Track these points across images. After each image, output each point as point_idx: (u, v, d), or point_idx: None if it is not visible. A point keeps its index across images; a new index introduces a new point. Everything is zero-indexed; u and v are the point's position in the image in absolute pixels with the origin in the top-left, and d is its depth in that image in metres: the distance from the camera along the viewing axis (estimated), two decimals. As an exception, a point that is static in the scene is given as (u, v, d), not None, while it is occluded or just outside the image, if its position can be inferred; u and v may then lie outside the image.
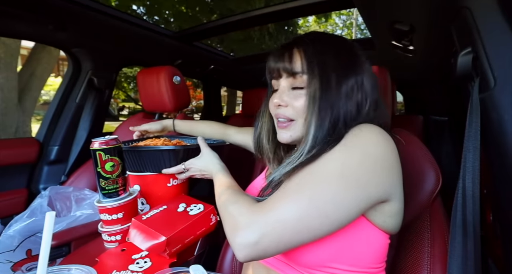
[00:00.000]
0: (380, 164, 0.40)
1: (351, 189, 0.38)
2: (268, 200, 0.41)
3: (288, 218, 0.37)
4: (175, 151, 0.67)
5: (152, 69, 1.20)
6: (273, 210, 0.38)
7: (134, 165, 0.71)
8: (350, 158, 0.39)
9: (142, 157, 0.69)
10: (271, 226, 0.37)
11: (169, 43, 1.44)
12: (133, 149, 0.69)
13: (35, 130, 2.06)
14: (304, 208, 0.37)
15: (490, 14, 0.43)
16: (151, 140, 0.80)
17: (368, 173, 0.39)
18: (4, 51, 2.44)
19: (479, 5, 0.45)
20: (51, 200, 1.05)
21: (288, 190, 0.40)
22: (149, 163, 0.69)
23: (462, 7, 0.47)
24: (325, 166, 0.40)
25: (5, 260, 0.80)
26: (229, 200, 0.46)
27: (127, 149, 0.69)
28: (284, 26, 5.79)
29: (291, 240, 0.37)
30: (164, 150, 0.67)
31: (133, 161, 0.71)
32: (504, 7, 0.42)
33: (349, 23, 13.48)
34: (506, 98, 0.40)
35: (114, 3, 3.60)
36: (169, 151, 0.67)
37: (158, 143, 0.76)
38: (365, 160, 0.39)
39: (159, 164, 0.69)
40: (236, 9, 3.93)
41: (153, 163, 0.69)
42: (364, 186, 0.38)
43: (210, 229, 0.63)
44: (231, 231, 0.40)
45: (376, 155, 0.40)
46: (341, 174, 0.38)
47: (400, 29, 0.78)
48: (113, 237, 0.62)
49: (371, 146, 0.40)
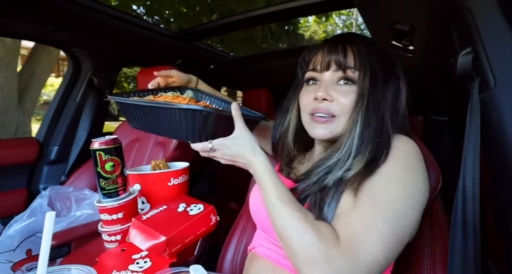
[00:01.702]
0: (425, 179, 0.42)
1: (415, 208, 0.39)
2: (346, 228, 0.37)
3: (378, 257, 0.35)
4: (207, 115, 0.46)
5: (152, 69, 1.20)
6: (360, 249, 0.35)
7: (148, 124, 0.55)
8: (410, 176, 0.41)
9: (159, 116, 0.51)
10: (363, 271, 0.34)
11: (169, 43, 1.44)
12: (151, 104, 0.51)
13: (35, 130, 2.06)
14: (390, 242, 0.36)
15: (490, 14, 0.43)
16: (172, 97, 0.62)
17: (423, 191, 0.41)
18: (4, 51, 2.44)
19: (479, 5, 0.45)
20: (51, 200, 1.05)
21: (366, 215, 0.37)
22: (167, 125, 0.51)
23: (462, 7, 0.47)
24: (393, 184, 0.40)
25: (5, 260, 0.80)
26: (291, 219, 0.39)
27: (145, 104, 0.52)
28: (285, 26, 5.79)
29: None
30: (192, 109, 0.45)
31: (147, 119, 0.54)
32: (504, 7, 0.42)
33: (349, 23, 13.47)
34: (506, 98, 0.40)
35: (114, 3, 3.60)
36: (197, 113, 0.46)
37: (182, 102, 0.55)
38: (421, 177, 0.41)
39: (179, 130, 0.49)
40: (237, 9, 3.93)
41: (171, 126, 0.50)
42: (421, 205, 0.40)
43: (210, 229, 0.63)
44: (302, 262, 0.36)
45: (424, 172, 0.42)
46: (410, 195, 0.39)
47: (400, 29, 0.78)
48: (113, 237, 0.62)
49: (419, 162, 0.42)
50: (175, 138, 0.52)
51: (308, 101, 0.51)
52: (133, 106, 0.55)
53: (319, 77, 0.51)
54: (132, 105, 0.55)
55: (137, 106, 0.54)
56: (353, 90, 0.47)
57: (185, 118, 0.47)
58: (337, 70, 0.49)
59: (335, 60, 0.48)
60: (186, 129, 0.48)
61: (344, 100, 0.47)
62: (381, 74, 0.47)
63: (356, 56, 0.47)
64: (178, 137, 0.51)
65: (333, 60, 0.49)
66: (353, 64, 0.47)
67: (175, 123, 0.49)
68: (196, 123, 0.47)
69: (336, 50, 0.48)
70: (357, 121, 0.45)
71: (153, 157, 1.22)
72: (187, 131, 0.48)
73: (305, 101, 0.52)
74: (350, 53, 0.48)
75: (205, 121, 0.47)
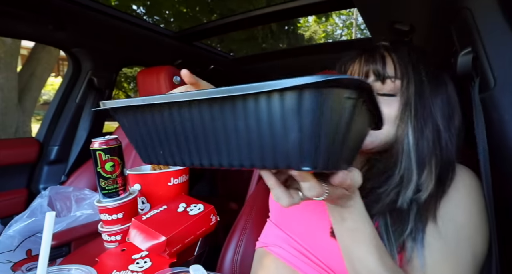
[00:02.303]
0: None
1: (484, 246, 0.40)
2: (432, 261, 0.37)
3: None
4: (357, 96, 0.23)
5: (152, 69, 1.20)
6: None
7: (196, 146, 0.28)
8: (481, 212, 0.40)
9: (226, 122, 0.25)
10: None
11: (169, 43, 1.44)
12: (203, 95, 0.24)
13: (35, 131, 2.06)
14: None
15: (490, 15, 0.43)
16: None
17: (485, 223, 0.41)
18: (4, 51, 2.44)
19: (479, 6, 0.45)
20: (51, 200, 1.05)
21: (451, 251, 0.38)
22: (251, 138, 0.25)
23: (462, 7, 0.47)
24: (471, 218, 0.40)
25: (5, 260, 0.80)
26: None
27: (186, 98, 0.25)
28: (285, 26, 5.79)
29: None
30: (331, 80, 0.20)
31: (191, 136, 0.28)
32: (504, 7, 0.42)
33: (349, 23, 13.47)
34: (506, 98, 0.40)
35: (114, 3, 3.60)
36: (339, 93, 0.22)
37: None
38: (485, 212, 0.41)
39: (280, 145, 0.23)
40: (237, 9, 3.93)
41: (265, 138, 0.24)
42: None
43: (210, 229, 0.63)
44: None
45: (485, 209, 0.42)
46: (482, 233, 0.39)
47: (400, 29, 0.78)
48: (113, 237, 0.62)
49: (482, 197, 0.42)
50: (270, 165, 0.25)
51: None
52: (154, 113, 0.29)
53: None
54: (149, 109, 0.29)
55: (163, 108, 0.28)
56: (396, 100, 0.44)
57: (303, 110, 0.21)
58: (376, 81, 0.45)
59: (374, 69, 0.45)
60: (300, 139, 0.22)
61: (388, 110, 0.44)
62: (427, 81, 0.44)
63: (396, 64, 0.45)
64: (279, 161, 0.24)
65: (371, 70, 0.46)
66: (393, 73, 0.44)
67: (273, 129, 0.23)
68: (332, 119, 0.22)
69: (374, 60, 0.46)
70: (408, 132, 0.42)
71: (153, 157, 1.22)
72: (305, 143, 0.22)
73: None
74: (389, 62, 0.45)
75: (351, 113, 0.23)
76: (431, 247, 0.38)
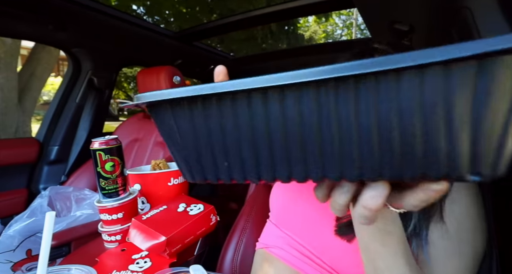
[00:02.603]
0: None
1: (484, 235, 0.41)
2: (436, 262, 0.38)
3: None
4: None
5: (152, 69, 1.20)
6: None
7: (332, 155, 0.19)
8: (478, 212, 0.41)
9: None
10: None
11: (169, 43, 1.44)
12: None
13: (35, 130, 2.06)
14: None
15: (490, 14, 0.43)
16: None
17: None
18: (4, 51, 2.44)
19: (479, 5, 0.45)
20: (51, 200, 1.05)
21: (454, 246, 0.38)
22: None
23: (462, 7, 0.47)
24: (471, 210, 0.40)
25: (5, 260, 0.80)
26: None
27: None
28: (284, 26, 5.79)
29: None
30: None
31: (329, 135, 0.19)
32: (504, 7, 0.42)
33: (349, 23, 13.47)
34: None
35: (114, 3, 3.60)
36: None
37: None
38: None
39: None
40: (237, 9, 3.93)
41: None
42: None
43: (210, 229, 0.63)
44: None
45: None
46: (480, 230, 0.40)
47: (400, 29, 0.78)
48: (113, 237, 0.62)
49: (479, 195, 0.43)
50: (412, 174, 0.18)
51: None
52: (232, 105, 0.20)
53: None
54: (219, 100, 0.21)
55: (253, 97, 0.20)
56: None
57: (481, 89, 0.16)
58: None
59: None
60: (475, 134, 0.16)
61: None
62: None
63: None
64: (432, 169, 0.18)
65: None
66: None
67: (430, 120, 0.17)
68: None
69: None
70: None
71: (153, 157, 1.22)
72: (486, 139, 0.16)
73: None
74: None
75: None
76: (435, 244, 0.39)
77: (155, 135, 1.28)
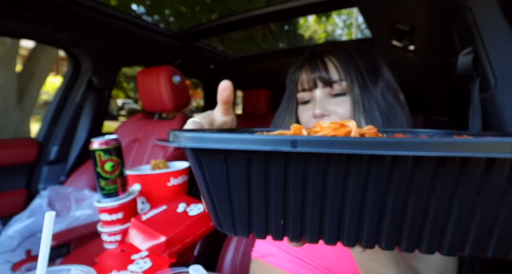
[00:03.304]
0: None
1: None
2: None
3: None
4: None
5: (152, 69, 1.20)
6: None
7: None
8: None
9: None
10: None
11: (169, 43, 1.44)
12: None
13: (34, 131, 2.06)
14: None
15: (491, 14, 0.43)
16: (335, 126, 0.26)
17: None
18: (4, 51, 2.43)
19: (480, 5, 0.45)
20: (51, 200, 1.05)
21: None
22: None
23: (463, 7, 0.47)
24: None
25: (5, 261, 0.80)
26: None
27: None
28: (285, 26, 5.80)
29: None
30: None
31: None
32: (505, 7, 0.42)
33: (349, 23, 13.48)
34: (507, 98, 0.40)
35: (114, 3, 3.60)
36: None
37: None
38: None
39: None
40: (237, 9, 3.93)
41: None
42: None
43: (210, 229, 0.63)
44: None
45: None
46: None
47: (401, 29, 0.78)
48: (113, 237, 0.62)
49: None
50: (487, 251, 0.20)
51: (308, 119, 0.51)
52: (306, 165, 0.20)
53: (311, 96, 0.51)
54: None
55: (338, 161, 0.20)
56: (347, 100, 0.47)
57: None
58: (325, 87, 0.48)
59: (319, 77, 0.48)
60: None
61: (342, 110, 0.47)
62: (368, 76, 0.47)
63: (337, 67, 0.48)
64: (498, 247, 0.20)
65: (317, 78, 0.48)
66: (337, 77, 0.47)
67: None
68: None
69: (317, 68, 0.48)
70: (361, 124, 0.45)
71: (153, 157, 1.22)
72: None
73: (304, 119, 0.52)
74: (331, 66, 0.48)
75: None
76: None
77: (155, 136, 1.28)
